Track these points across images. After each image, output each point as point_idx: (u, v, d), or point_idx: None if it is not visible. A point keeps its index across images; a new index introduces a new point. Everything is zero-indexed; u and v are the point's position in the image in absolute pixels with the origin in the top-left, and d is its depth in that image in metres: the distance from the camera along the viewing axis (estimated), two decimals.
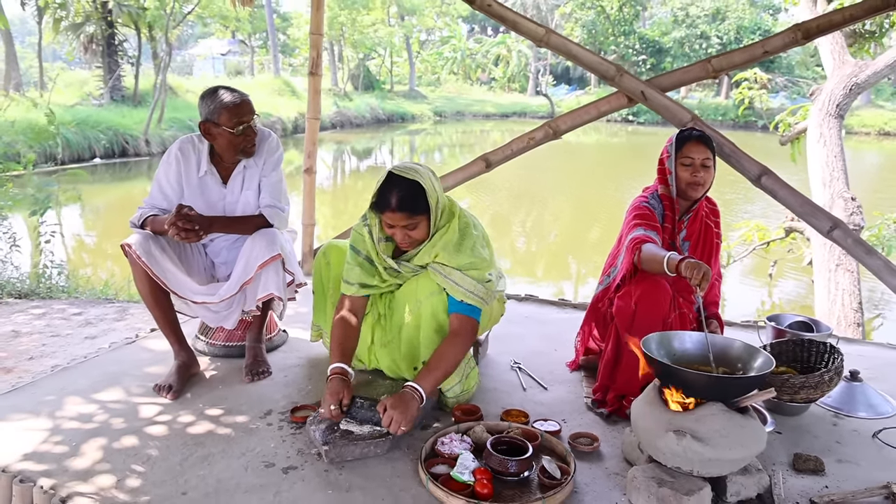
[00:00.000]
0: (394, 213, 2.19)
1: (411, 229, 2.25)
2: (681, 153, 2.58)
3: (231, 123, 2.55)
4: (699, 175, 2.54)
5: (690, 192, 2.58)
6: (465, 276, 2.31)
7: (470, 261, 2.31)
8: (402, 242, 2.29)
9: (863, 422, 2.46)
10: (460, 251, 2.31)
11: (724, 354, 2.07)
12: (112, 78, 20.15)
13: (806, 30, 3.06)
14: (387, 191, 2.19)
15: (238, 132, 2.57)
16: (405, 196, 2.18)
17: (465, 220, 2.38)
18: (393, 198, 2.18)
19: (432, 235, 2.30)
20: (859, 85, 5.90)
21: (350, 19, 30.55)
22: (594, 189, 15.07)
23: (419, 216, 2.22)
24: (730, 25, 32.41)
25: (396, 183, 2.20)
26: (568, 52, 3.45)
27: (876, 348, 3.31)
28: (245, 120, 2.58)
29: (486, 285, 2.35)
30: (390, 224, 2.24)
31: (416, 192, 2.20)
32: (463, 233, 2.35)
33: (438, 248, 2.30)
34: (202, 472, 2.03)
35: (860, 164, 19.92)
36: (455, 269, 2.31)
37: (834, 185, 5.71)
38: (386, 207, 2.20)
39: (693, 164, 2.55)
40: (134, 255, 2.47)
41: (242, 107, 2.58)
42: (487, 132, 30.05)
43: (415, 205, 2.20)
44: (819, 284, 5.62)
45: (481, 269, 2.33)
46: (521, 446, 2.05)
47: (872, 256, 3.10)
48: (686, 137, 2.59)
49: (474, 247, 2.34)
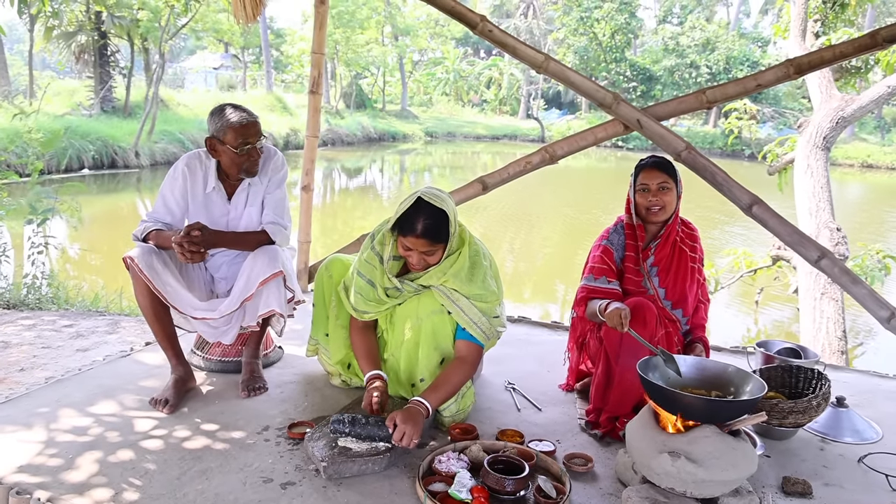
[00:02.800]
0: (417, 239, 2.24)
1: (428, 255, 2.30)
2: (638, 180, 2.69)
3: (236, 143, 2.58)
4: (655, 199, 2.64)
5: (650, 217, 2.68)
6: (473, 305, 2.37)
7: (480, 293, 2.38)
8: (416, 265, 2.34)
9: (849, 447, 2.52)
10: (472, 281, 2.37)
11: (717, 378, 2.12)
12: (103, 89, 20.12)
13: (798, 65, 3.15)
14: (414, 216, 2.24)
15: (242, 152, 2.60)
16: (431, 225, 2.24)
17: (475, 247, 2.44)
18: (419, 224, 2.23)
19: (442, 260, 2.34)
20: (845, 118, 6.05)
21: (344, 37, 30.76)
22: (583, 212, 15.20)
23: (439, 244, 2.28)
24: (719, 56, 32.97)
25: (424, 209, 2.24)
26: (566, 80, 3.52)
27: (860, 376, 3.38)
28: (251, 141, 2.61)
29: (493, 321, 2.41)
30: (409, 247, 2.29)
31: (442, 222, 2.26)
32: (473, 261, 2.40)
33: (449, 276, 2.35)
34: (200, 486, 2.03)
35: (845, 196, 20.25)
36: (463, 296, 2.36)
37: (820, 215, 5.83)
38: (410, 232, 2.24)
39: (648, 188, 2.66)
40: (136, 269, 2.48)
41: (249, 128, 2.61)
42: (478, 154, 30.25)
43: (438, 234, 2.26)
44: (804, 312, 5.70)
45: (490, 302, 2.40)
46: (518, 465, 2.07)
47: (858, 286, 3.18)
48: (642, 165, 2.71)
49: (485, 278, 2.40)
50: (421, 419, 2.19)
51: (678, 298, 2.73)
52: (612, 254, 2.73)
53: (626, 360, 2.43)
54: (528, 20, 43.37)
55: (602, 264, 2.72)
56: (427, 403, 2.23)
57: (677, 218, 2.75)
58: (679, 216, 2.78)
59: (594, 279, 2.71)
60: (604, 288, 2.67)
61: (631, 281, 2.73)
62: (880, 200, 20.96)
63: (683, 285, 2.73)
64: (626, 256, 2.73)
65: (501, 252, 11.71)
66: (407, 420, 2.16)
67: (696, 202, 9.97)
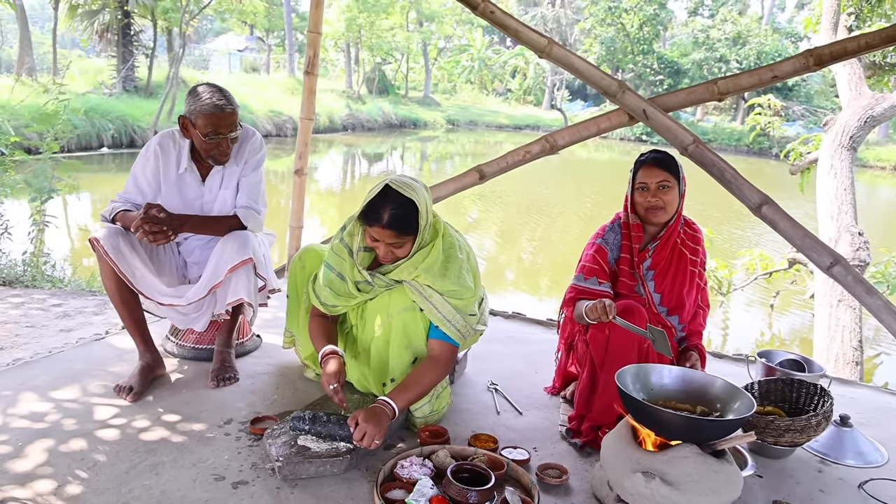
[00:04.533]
0: (383, 230, 2.10)
1: (396, 247, 2.16)
2: (636, 178, 2.50)
3: (205, 130, 2.43)
4: (654, 199, 2.45)
5: (650, 217, 2.49)
6: (446, 302, 2.22)
7: (454, 289, 2.23)
8: (384, 258, 2.20)
9: (850, 470, 2.34)
10: (446, 276, 2.22)
11: (703, 392, 1.96)
12: (125, 68, 20.20)
13: (818, 56, 2.95)
14: (380, 205, 2.09)
15: (209, 140, 2.46)
16: (398, 215, 2.09)
17: (449, 239, 2.28)
18: (385, 214, 2.08)
19: (414, 253, 2.20)
20: (875, 118, 5.78)
21: (368, 22, 30.57)
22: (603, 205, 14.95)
23: (408, 236, 2.14)
24: (750, 50, 32.22)
25: (391, 198, 2.10)
26: (570, 65, 3.35)
27: (871, 392, 3.19)
28: (221, 132, 2.45)
29: (468, 318, 2.27)
30: (375, 238, 2.15)
31: (410, 212, 2.11)
32: (447, 255, 2.25)
33: (421, 271, 2.21)
34: (148, 481, 1.93)
35: (874, 199, 19.72)
36: (437, 292, 2.22)
37: (842, 218, 5.58)
38: (376, 222, 2.10)
39: (647, 187, 2.47)
40: (101, 251, 2.37)
41: (222, 118, 2.44)
42: (500, 143, 29.96)
43: (406, 225, 2.11)
44: (819, 319, 5.48)
45: (465, 299, 2.25)
46: (484, 475, 1.94)
47: (873, 296, 2.97)
48: (642, 161, 2.51)
49: (460, 273, 2.25)
50: (385, 420, 2.06)
51: (675, 305, 2.56)
52: (606, 254, 2.56)
53: (613, 365, 2.26)
54: (555, 9, 42.78)
55: (594, 264, 2.56)
56: (393, 404, 2.09)
57: (680, 218, 2.57)
58: (682, 216, 2.60)
59: (584, 279, 2.55)
60: (594, 289, 2.51)
61: (625, 284, 2.56)
62: None
63: (681, 291, 2.56)
64: (621, 258, 2.56)
65: (520, 243, 11.55)
66: (369, 419, 2.02)
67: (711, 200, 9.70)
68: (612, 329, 2.28)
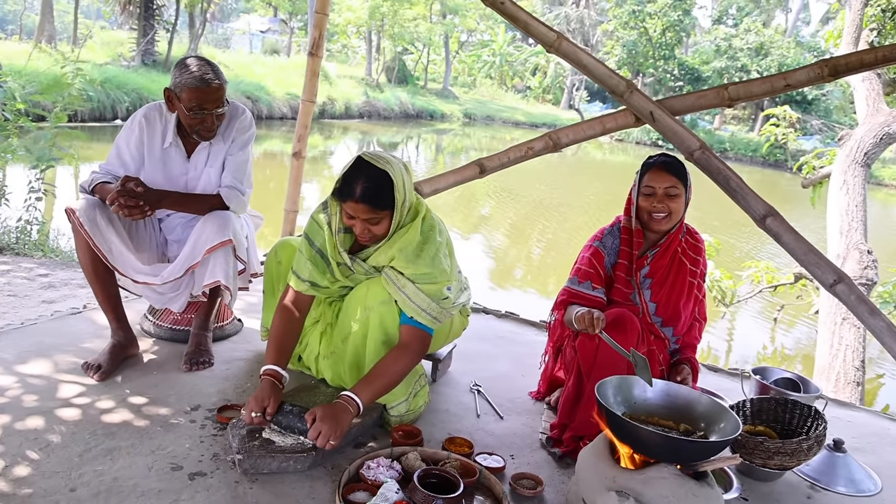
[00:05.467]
0: (356, 204, 2.00)
1: (373, 224, 2.05)
2: (643, 181, 2.38)
3: (189, 105, 2.34)
4: (660, 205, 2.34)
5: (653, 224, 2.38)
6: (419, 291, 2.11)
7: (427, 271, 2.12)
8: (362, 236, 2.10)
9: (841, 498, 2.24)
10: (420, 257, 2.12)
11: (688, 410, 1.86)
12: (145, 41, 20.18)
13: (833, 66, 2.82)
14: (353, 178, 2.00)
15: (194, 115, 2.37)
16: (371, 187, 1.99)
17: (429, 221, 2.18)
18: (358, 187, 1.99)
19: (392, 233, 2.11)
20: (891, 135, 5.65)
21: (392, 11, 30.43)
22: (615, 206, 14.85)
23: (383, 211, 2.03)
24: (772, 61, 31.84)
25: (364, 171, 2.01)
26: (578, 62, 3.24)
27: (868, 416, 3.07)
28: (206, 107, 2.36)
29: (442, 303, 2.16)
30: (351, 215, 2.05)
31: (383, 185, 2.01)
32: (426, 236, 2.15)
33: (396, 251, 2.11)
34: (100, 467, 1.85)
35: (886, 218, 19.43)
36: (409, 280, 2.12)
37: (852, 234, 5.45)
38: (349, 196, 2.00)
39: (654, 192, 2.35)
40: (76, 223, 2.29)
41: (207, 93, 2.34)
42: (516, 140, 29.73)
43: (379, 198, 2.01)
44: (822, 337, 5.35)
45: (439, 282, 2.14)
46: (453, 482, 1.85)
47: (876, 317, 2.85)
48: (650, 164, 2.39)
49: (436, 255, 2.14)
50: (347, 417, 1.97)
51: (670, 315, 2.46)
52: (603, 258, 2.46)
53: (600, 374, 2.15)
54: (579, 9, 42.42)
55: (589, 268, 2.45)
56: (357, 399, 2.00)
57: (682, 226, 2.46)
58: (684, 224, 2.49)
59: (578, 282, 2.45)
60: (587, 294, 2.41)
61: (619, 292, 2.46)
62: None
63: (678, 302, 2.45)
64: (618, 263, 2.46)
65: (531, 241, 11.44)
66: (327, 417, 1.93)
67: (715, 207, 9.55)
68: (600, 338, 2.19)
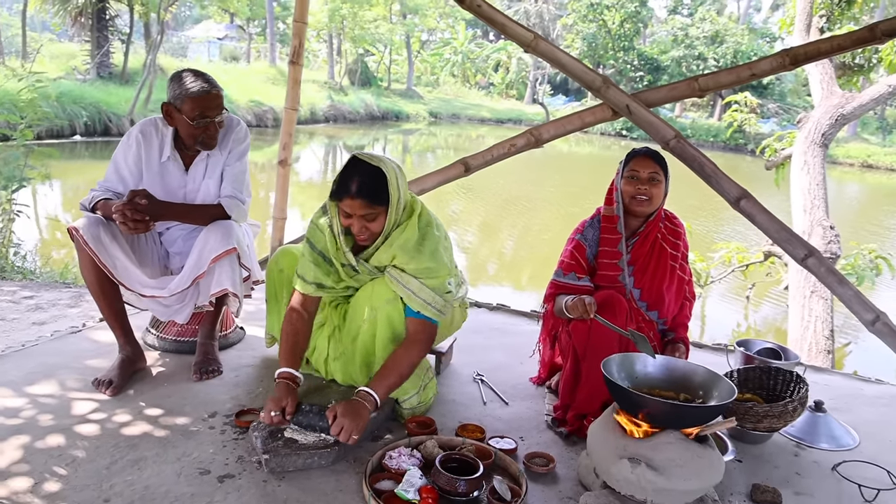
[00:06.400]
0: (353, 201, 2.08)
1: (370, 220, 2.13)
2: (627, 167, 2.55)
3: (192, 115, 2.42)
4: (643, 188, 2.50)
5: (634, 206, 2.53)
6: (424, 286, 2.21)
7: (429, 266, 2.21)
8: (359, 234, 2.18)
9: (824, 453, 2.42)
10: (420, 253, 2.21)
11: (686, 380, 2.00)
12: (100, 53, 19.76)
13: (794, 55, 3.01)
14: (348, 177, 2.10)
15: (198, 125, 2.44)
16: (366, 183, 2.08)
17: (426, 218, 2.28)
18: (353, 184, 2.08)
19: (390, 232, 2.19)
20: (845, 116, 5.94)
21: (352, 13, 30.31)
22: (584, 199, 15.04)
23: (379, 207, 2.12)
24: (727, 49, 32.59)
25: (359, 169, 2.10)
26: (555, 60, 3.37)
27: (842, 378, 3.28)
28: (209, 114, 2.44)
29: (445, 296, 2.26)
30: (348, 213, 2.13)
31: (378, 181, 2.10)
32: (423, 232, 2.24)
33: (396, 248, 2.20)
34: (130, 477, 1.91)
35: (843, 195, 20.08)
36: (413, 276, 2.21)
37: (814, 212, 5.71)
38: (345, 194, 2.09)
39: (638, 176, 2.51)
40: (81, 241, 2.34)
41: (209, 100, 2.43)
42: (483, 137, 29.95)
43: (375, 194, 2.09)
44: (793, 310, 5.60)
45: (441, 276, 2.24)
46: (472, 465, 1.96)
47: (844, 286, 3.05)
48: (635, 153, 2.57)
49: (436, 250, 2.24)
50: (365, 413, 2.06)
51: (654, 300, 2.60)
52: (585, 250, 2.60)
53: (595, 355, 2.30)
54: (537, 4, 42.76)
55: (572, 260, 2.60)
56: (374, 395, 2.09)
57: (660, 215, 2.61)
58: (663, 211, 2.64)
59: (563, 275, 2.59)
60: (573, 284, 2.55)
61: (605, 277, 2.59)
62: (878, 201, 20.79)
63: (661, 286, 2.59)
64: (599, 252, 2.60)
65: (501, 236, 11.57)
66: (347, 413, 2.02)
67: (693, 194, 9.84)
68: (594, 320, 2.31)
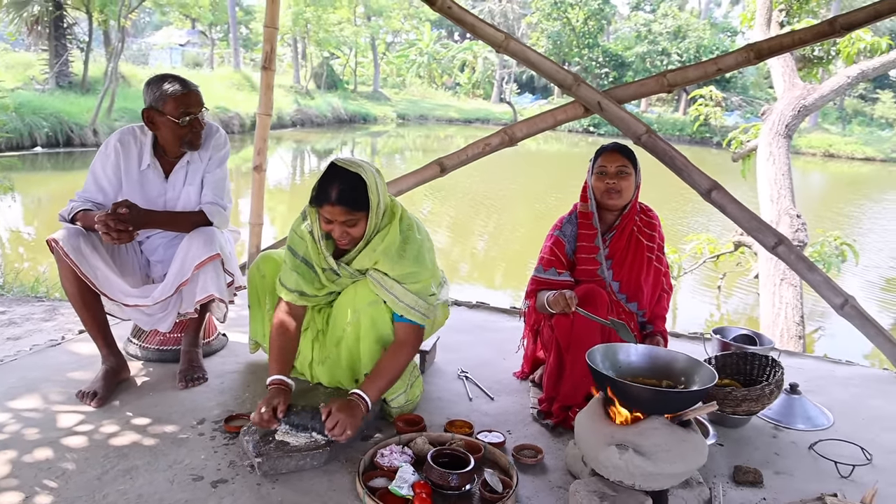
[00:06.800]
0: (333, 207, 2.10)
1: (350, 226, 2.15)
2: (596, 164, 2.61)
3: (177, 113, 2.43)
4: (612, 182, 2.56)
5: (606, 200, 2.59)
6: (407, 291, 2.23)
7: (412, 270, 2.24)
8: (340, 239, 2.19)
9: (800, 434, 2.51)
10: (403, 258, 2.24)
11: (668, 368, 2.06)
12: (58, 63, 19.32)
13: (758, 50, 3.10)
14: (327, 183, 2.11)
15: (183, 123, 2.45)
16: (346, 189, 2.10)
17: (407, 221, 2.30)
18: (333, 191, 2.09)
19: (372, 237, 2.21)
20: (807, 107, 6.11)
21: (316, 16, 30.13)
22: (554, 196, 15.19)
23: (359, 212, 2.13)
24: (690, 44, 33.17)
25: (338, 175, 2.12)
26: (527, 59, 3.42)
27: (814, 361, 3.39)
28: (192, 111, 2.46)
29: (429, 299, 2.29)
30: (328, 219, 2.14)
31: (357, 187, 2.12)
32: (405, 236, 2.26)
33: (379, 254, 2.22)
34: (122, 486, 1.90)
35: (807, 184, 20.59)
36: (396, 281, 2.23)
37: (781, 202, 5.87)
38: (325, 201, 2.10)
39: (606, 171, 2.57)
40: (61, 252, 2.32)
41: (190, 97, 2.46)
42: (451, 137, 30.04)
43: (355, 200, 2.11)
44: (764, 298, 5.75)
45: (424, 280, 2.27)
46: (463, 459, 1.99)
47: (814, 272, 3.16)
48: (603, 149, 2.64)
49: (419, 253, 2.27)
50: (359, 412, 2.08)
51: (633, 291, 2.66)
52: (564, 245, 2.65)
53: (578, 348, 2.35)
54: (501, 3, 42.99)
55: (551, 255, 2.65)
56: (366, 397, 2.12)
57: (635, 207, 2.66)
58: (637, 204, 2.70)
59: (543, 270, 2.64)
60: (553, 279, 2.60)
61: (584, 272, 2.64)
62: (840, 189, 21.38)
63: (639, 278, 2.65)
64: (578, 247, 2.65)
65: (473, 237, 11.63)
66: (342, 409, 2.04)
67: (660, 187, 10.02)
68: (576, 314, 2.37)
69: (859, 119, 34.57)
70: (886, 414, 2.75)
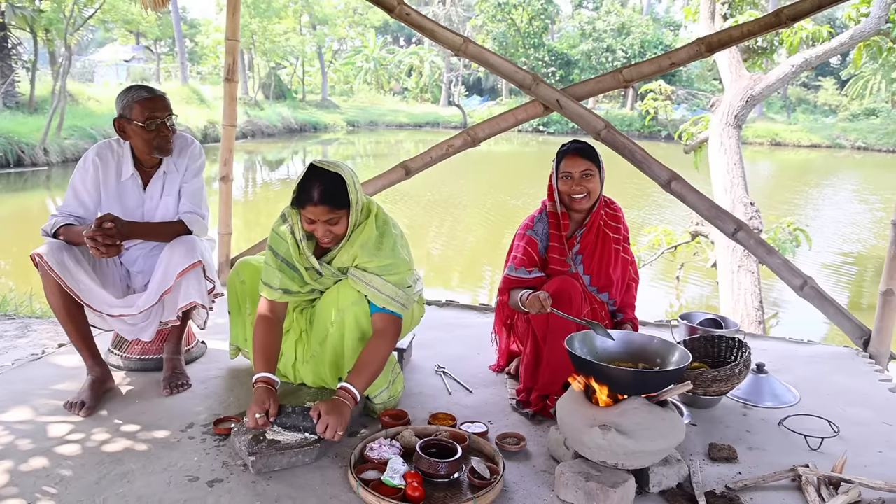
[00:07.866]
0: (316, 207, 2.15)
1: (332, 224, 2.20)
2: (560, 168, 2.64)
3: (143, 118, 2.45)
4: (578, 187, 2.58)
5: (574, 204, 2.63)
6: (387, 282, 2.29)
7: (390, 262, 2.30)
8: (323, 238, 2.25)
9: (769, 411, 2.62)
10: (380, 250, 2.30)
11: (643, 351, 2.17)
12: (5, 83, 18.79)
13: (709, 43, 3.25)
14: (309, 184, 2.16)
15: (150, 127, 2.47)
16: (327, 189, 2.16)
17: (382, 217, 2.37)
18: (315, 191, 2.15)
19: (350, 233, 2.27)
20: (754, 97, 6.34)
21: (261, 27, 29.85)
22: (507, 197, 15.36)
23: (341, 210, 2.19)
24: (634, 40, 33.99)
25: (319, 176, 2.17)
26: (485, 62, 3.51)
27: (777, 343, 3.53)
28: (158, 115, 2.48)
29: (407, 290, 2.35)
30: (311, 219, 2.19)
31: (338, 186, 2.18)
32: (382, 231, 2.33)
33: (357, 248, 2.28)
34: (121, 489, 1.92)
35: (756, 173, 21.28)
36: (375, 274, 2.29)
37: (734, 190, 6.08)
38: (308, 201, 2.16)
39: (571, 176, 2.59)
40: (45, 267, 2.32)
41: (156, 102, 2.49)
42: (401, 142, 30.09)
43: (336, 198, 2.17)
44: (723, 285, 5.95)
45: (401, 272, 2.33)
46: (451, 448, 2.06)
47: (773, 256, 3.32)
48: (564, 151, 2.64)
49: (395, 247, 2.33)
50: (347, 409, 2.13)
51: (603, 283, 2.73)
52: (536, 244, 2.68)
53: (554, 338, 2.43)
54: (446, 7, 43.24)
55: (524, 255, 2.67)
56: (354, 389, 2.17)
57: (601, 202, 2.72)
58: (603, 198, 2.78)
59: (515, 269, 2.67)
60: (525, 278, 2.64)
61: (556, 270, 2.68)
62: (789, 176, 22.18)
63: (608, 269, 2.72)
64: (550, 246, 2.69)
65: (428, 239, 11.68)
66: (331, 411, 2.09)
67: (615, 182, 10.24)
68: (552, 314, 2.41)
69: (803, 107, 35.88)
70: (850, 388, 2.88)
